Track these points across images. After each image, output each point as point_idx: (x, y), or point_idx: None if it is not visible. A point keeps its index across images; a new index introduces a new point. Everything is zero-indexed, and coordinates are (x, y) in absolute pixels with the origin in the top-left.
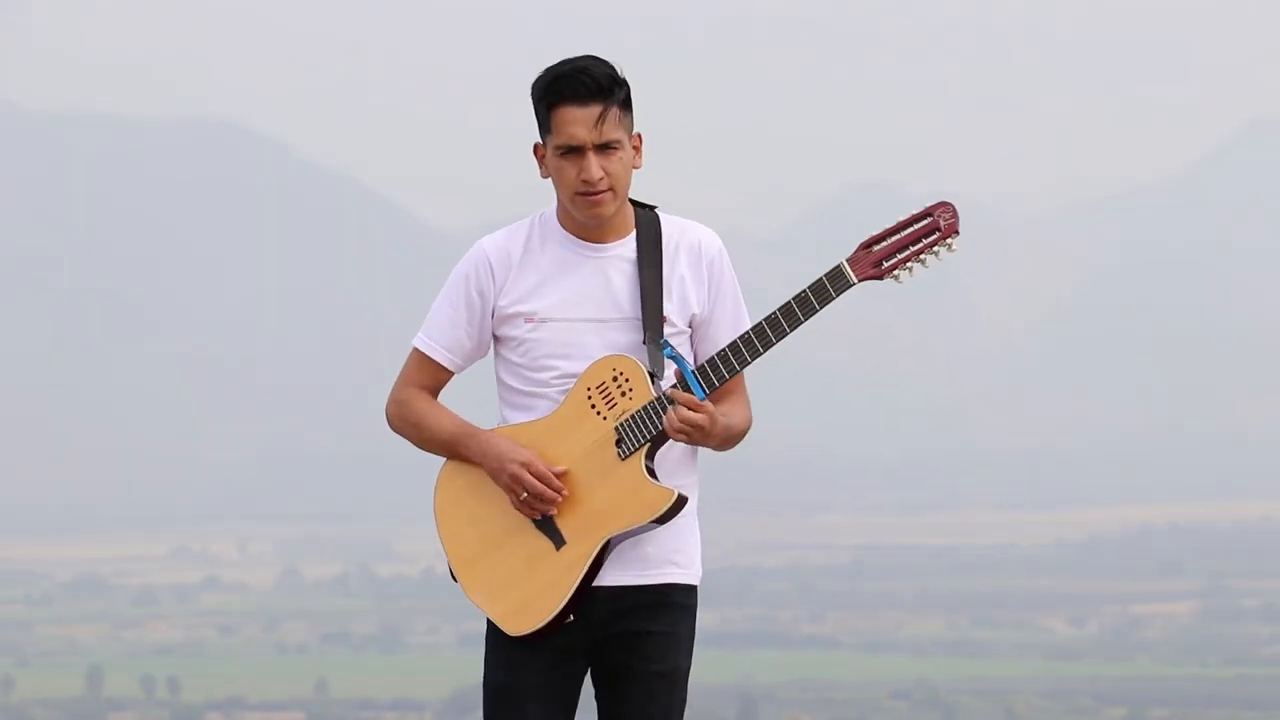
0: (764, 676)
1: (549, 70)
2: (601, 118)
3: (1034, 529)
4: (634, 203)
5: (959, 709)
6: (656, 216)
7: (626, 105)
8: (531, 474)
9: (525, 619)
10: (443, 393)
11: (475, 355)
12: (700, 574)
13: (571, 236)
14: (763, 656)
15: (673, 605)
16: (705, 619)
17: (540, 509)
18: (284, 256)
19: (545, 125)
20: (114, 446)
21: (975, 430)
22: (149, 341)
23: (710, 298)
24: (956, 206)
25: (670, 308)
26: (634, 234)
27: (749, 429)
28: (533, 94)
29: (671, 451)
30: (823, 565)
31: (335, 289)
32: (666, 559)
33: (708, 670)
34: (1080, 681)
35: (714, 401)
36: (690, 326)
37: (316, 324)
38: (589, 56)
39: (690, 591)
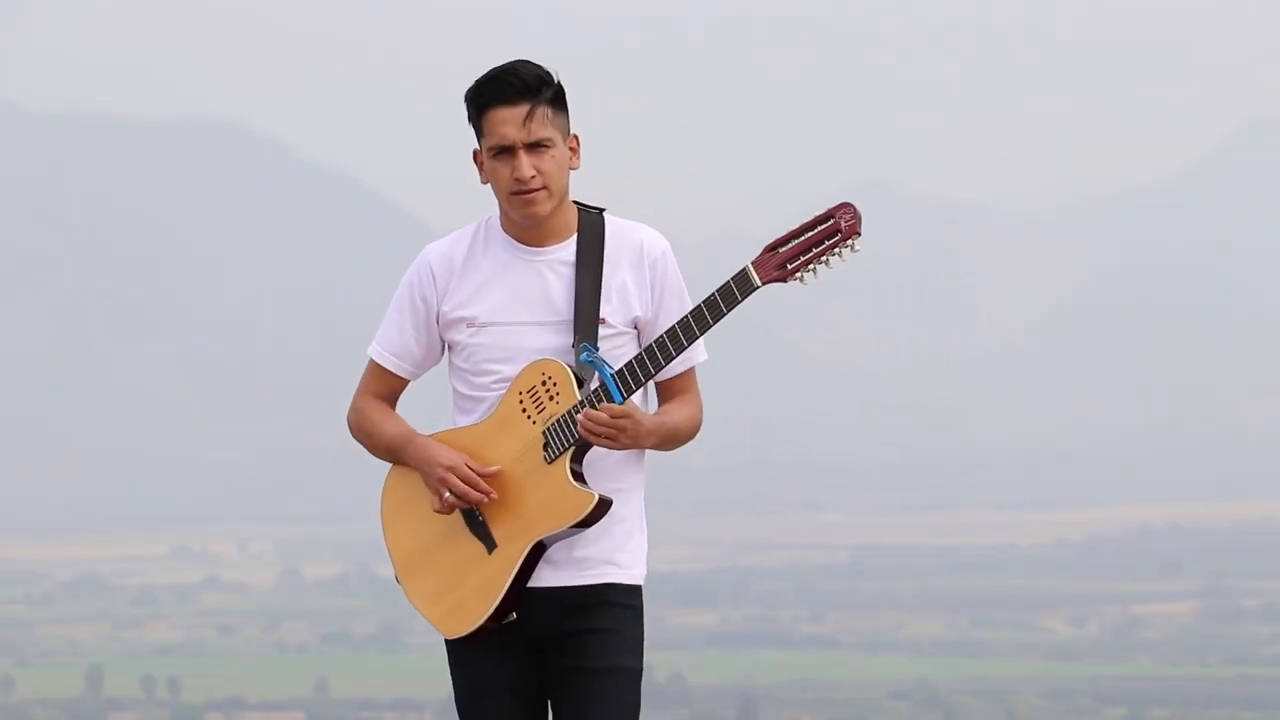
0: (764, 676)
1: (481, 77)
2: (529, 115)
3: (1034, 529)
4: (580, 205)
5: (959, 709)
6: (601, 219)
7: (558, 104)
8: (458, 476)
9: (459, 622)
10: (407, 399)
11: (427, 362)
12: (644, 575)
13: (512, 240)
14: (762, 656)
15: (612, 604)
16: (705, 619)
17: (462, 507)
18: (284, 256)
19: (479, 130)
20: (114, 446)
21: (975, 430)
22: (149, 341)
23: (654, 300)
24: (857, 207)
25: (608, 309)
26: (575, 236)
27: (696, 429)
28: (465, 98)
29: (612, 454)
30: (822, 565)
31: (335, 289)
32: (605, 559)
33: (708, 670)
34: (1080, 681)
35: (662, 401)
36: (635, 328)
37: (316, 324)
38: (519, 60)
39: (631, 591)
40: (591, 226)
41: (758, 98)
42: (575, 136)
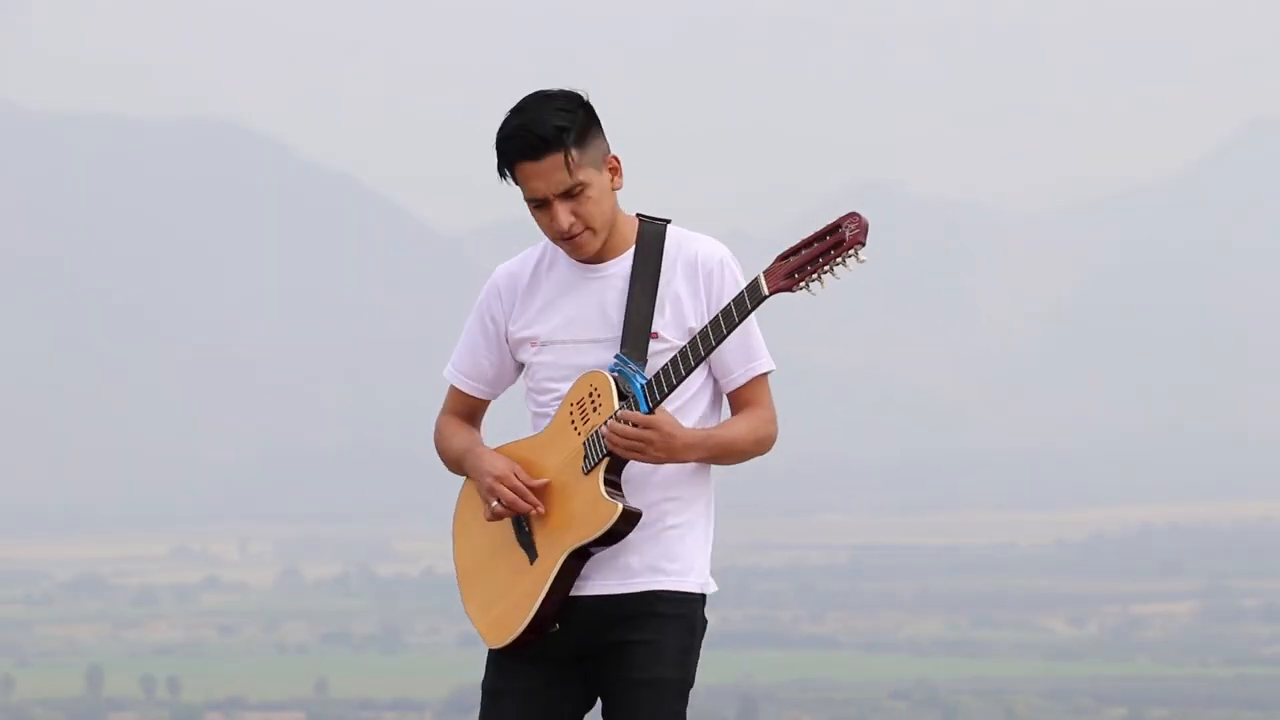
0: (764, 676)
1: (503, 123)
2: (557, 168)
3: (1034, 529)
4: (644, 218)
5: (959, 709)
6: (663, 231)
7: (584, 141)
8: (506, 485)
9: (501, 632)
10: (498, 420)
11: (501, 381)
12: (701, 581)
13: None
14: (763, 656)
15: (657, 615)
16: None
17: (507, 515)
18: (284, 256)
19: (512, 179)
20: (114, 446)
21: (975, 430)
22: (149, 341)
23: (709, 310)
24: (864, 218)
25: (661, 323)
26: (632, 250)
27: (762, 442)
28: (496, 152)
29: (667, 464)
30: (822, 565)
31: (335, 289)
32: (650, 567)
33: (707, 670)
34: (1080, 681)
35: (733, 414)
36: None
37: (317, 324)
38: (535, 102)
39: (680, 599)
40: (651, 239)
41: (758, 98)
42: (614, 156)
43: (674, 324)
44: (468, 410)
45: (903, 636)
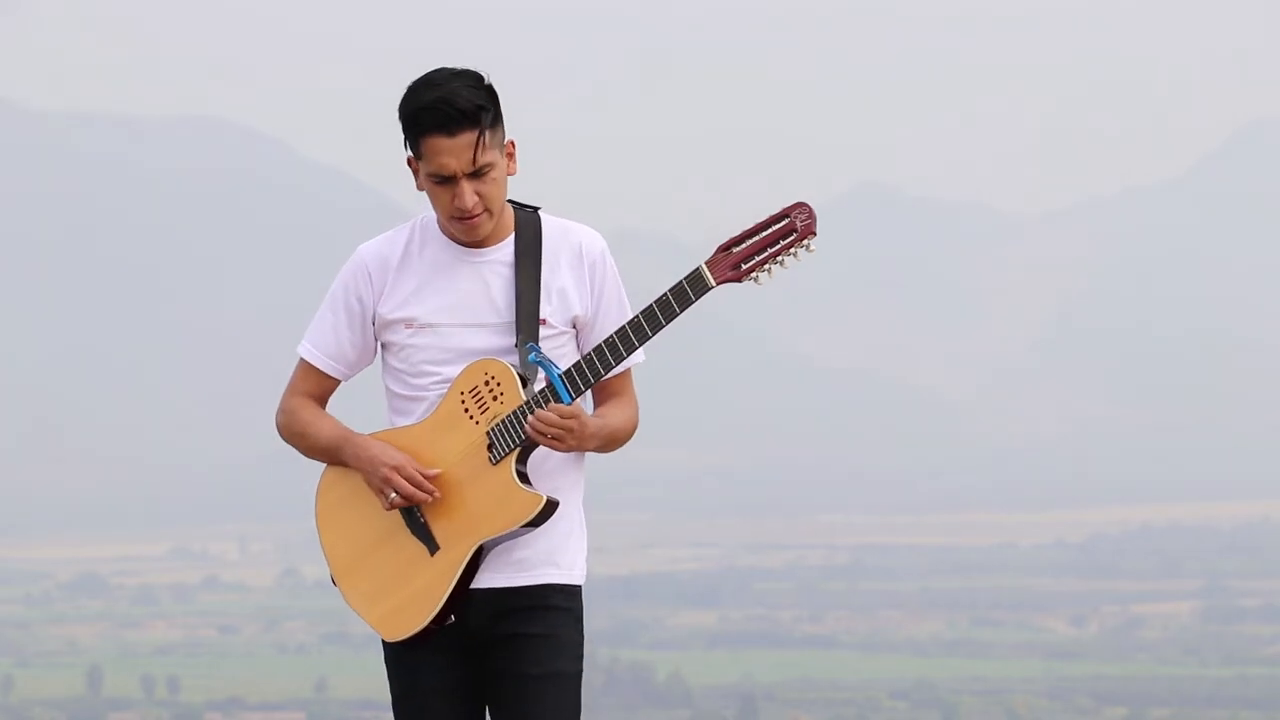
0: (764, 676)
1: (413, 93)
2: (470, 145)
3: (1034, 529)
4: (515, 205)
5: (959, 709)
6: (538, 218)
7: (495, 122)
8: (403, 477)
9: (401, 624)
10: (338, 399)
11: (360, 363)
12: (583, 575)
13: (450, 241)
14: (763, 656)
15: (552, 608)
16: (706, 619)
17: (407, 506)
18: (284, 256)
19: (415, 150)
20: (114, 446)
21: (975, 430)
22: (149, 341)
23: (594, 299)
24: (813, 207)
25: (548, 310)
26: (513, 237)
27: (634, 430)
28: (399, 112)
29: (553, 454)
30: (822, 565)
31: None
32: (544, 560)
33: (708, 670)
34: (1080, 681)
35: (599, 401)
36: (574, 328)
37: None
38: (455, 77)
39: (571, 593)
40: (528, 226)
41: (758, 99)
42: (511, 142)
43: (560, 311)
44: (320, 391)
45: (903, 636)
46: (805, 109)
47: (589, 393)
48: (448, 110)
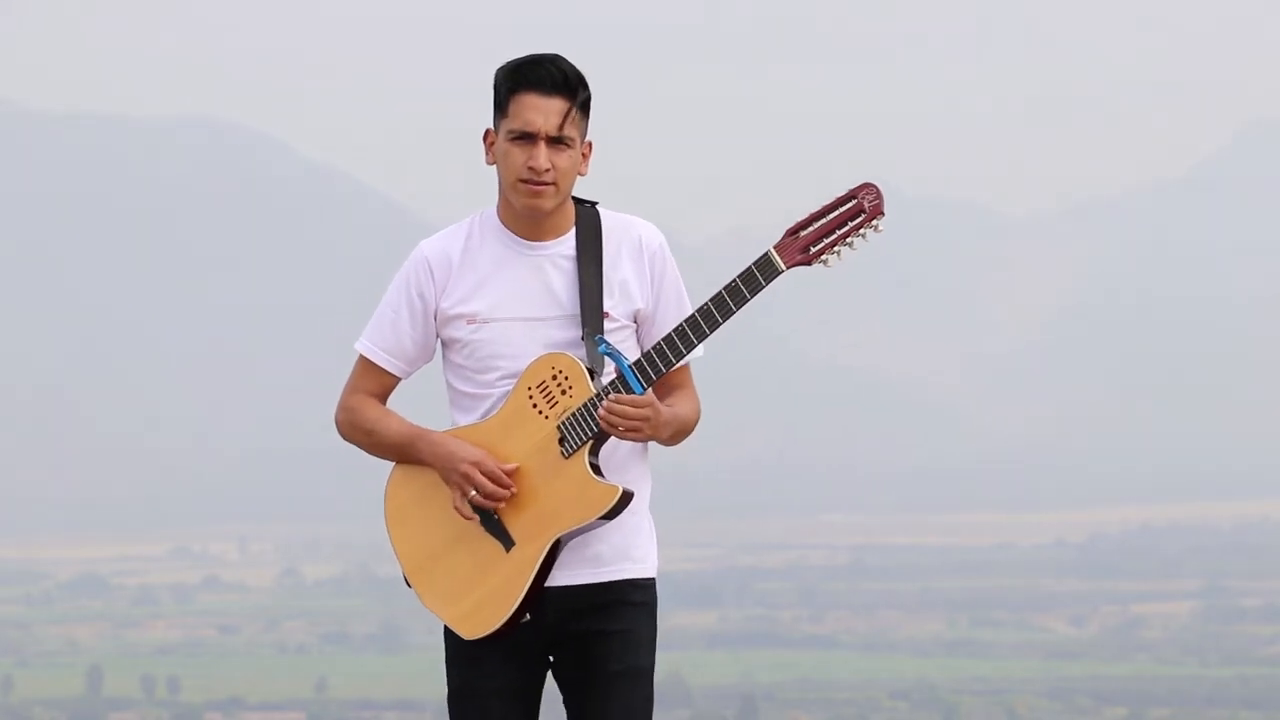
0: (764, 676)
1: (518, 59)
2: (561, 112)
3: (1034, 529)
4: (575, 200)
5: (959, 709)
6: (596, 212)
7: (585, 109)
8: (482, 472)
9: (479, 623)
10: (394, 397)
11: (420, 360)
12: (656, 567)
13: (511, 234)
14: (763, 656)
15: (629, 603)
16: (705, 619)
17: (489, 506)
18: (284, 256)
19: (502, 109)
20: (114, 446)
21: (975, 430)
22: (149, 341)
23: (654, 292)
24: (880, 188)
25: (611, 303)
26: (573, 231)
27: (698, 421)
28: (496, 77)
29: (620, 447)
30: (823, 565)
31: (335, 288)
32: (620, 555)
33: (708, 670)
34: (1080, 681)
35: (661, 395)
36: (635, 321)
37: (317, 324)
38: (559, 55)
39: (647, 586)
40: (588, 220)
41: (758, 98)
42: (589, 144)
43: (622, 304)
44: (381, 389)
45: (903, 636)
46: (805, 109)
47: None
48: (550, 70)
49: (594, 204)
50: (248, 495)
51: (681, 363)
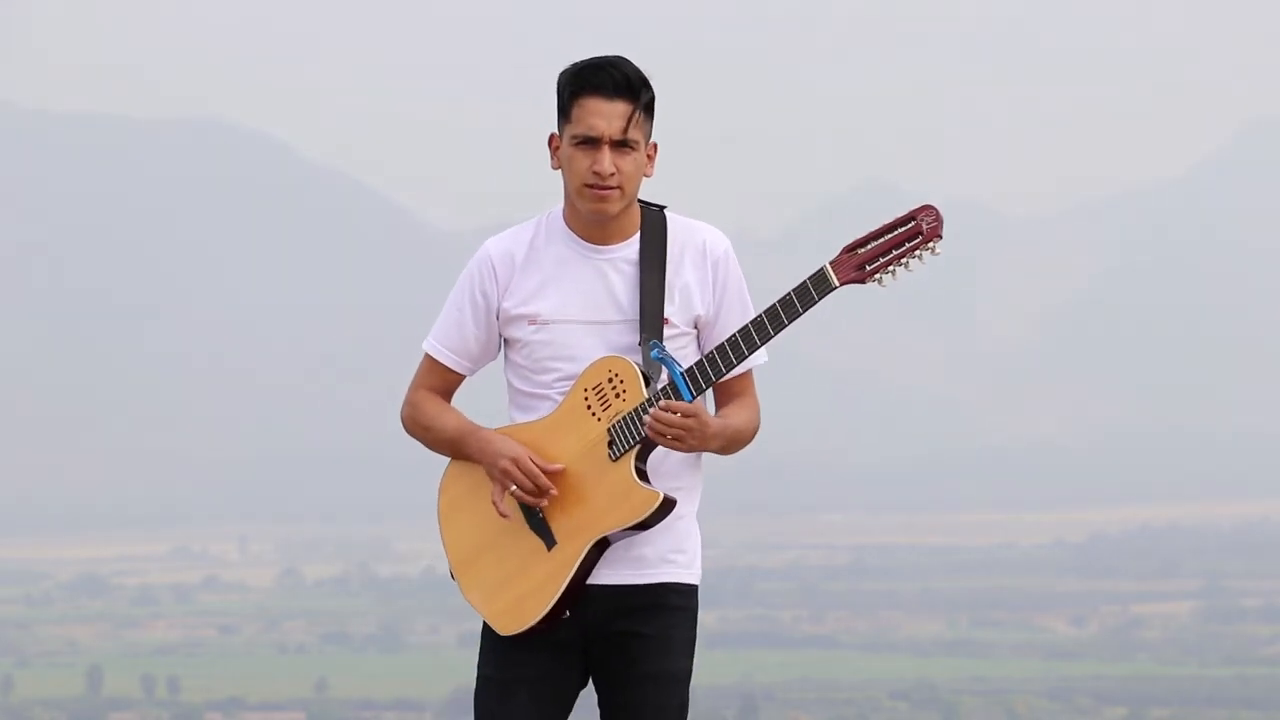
0: (764, 676)
1: (580, 63)
2: (624, 115)
3: (1034, 529)
4: (642, 203)
5: (959, 709)
6: (663, 217)
7: (649, 111)
8: (521, 470)
9: (516, 619)
10: (461, 394)
11: (484, 358)
12: (700, 574)
13: (576, 237)
14: (763, 656)
15: (668, 607)
16: (705, 619)
17: (529, 503)
18: (283, 256)
19: (566, 114)
20: (114, 446)
21: (975, 430)
22: (149, 341)
23: (716, 299)
24: (940, 210)
25: (671, 309)
26: (638, 235)
27: (755, 432)
28: (559, 81)
29: (673, 454)
30: (823, 565)
31: (335, 289)
32: (663, 558)
33: (708, 670)
34: (1081, 681)
35: (721, 402)
36: (696, 328)
37: (317, 324)
38: (621, 57)
39: (689, 591)
40: (654, 225)
41: (758, 98)
42: (655, 145)
43: (683, 310)
44: (445, 387)
45: (903, 636)
46: (805, 109)
47: (711, 394)
48: (612, 74)
49: (662, 208)
50: (248, 495)
51: (737, 371)
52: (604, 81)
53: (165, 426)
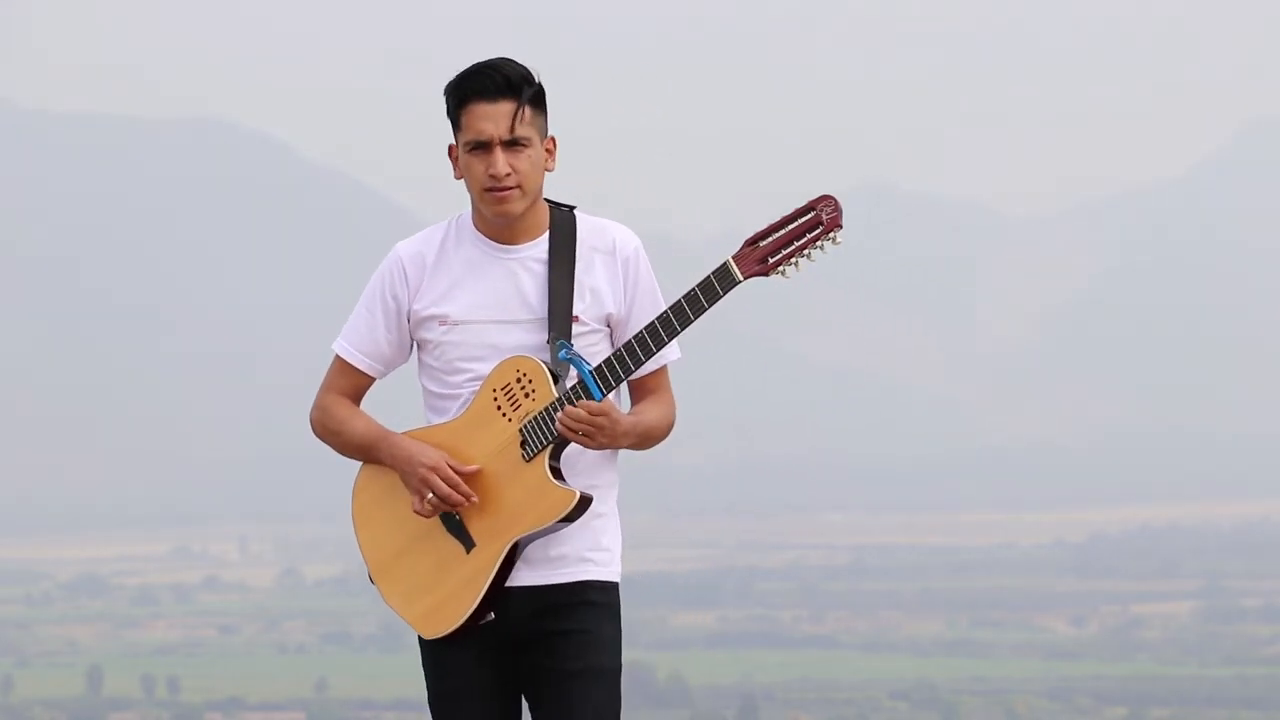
0: (764, 676)
1: (462, 71)
2: (509, 114)
3: (1034, 529)
4: (551, 203)
5: (959, 709)
6: (573, 217)
7: (538, 105)
8: (440, 477)
9: (438, 622)
10: (375, 398)
11: (396, 360)
12: (619, 572)
13: (484, 238)
14: (763, 656)
15: (590, 604)
16: (706, 619)
17: (447, 510)
18: (283, 256)
19: (456, 123)
20: (114, 446)
21: (975, 430)
22: (149, 341)
23: (628, 297)
24: (839, 200)
25: (581, 307)
26: (547, 234)
27: (670, 427)
28: (444, 94)
29: (589, 451)
30: (823, 565)
31: (335, 288)
32: (581, 557)
33: (708, 670)
34: (1080, 681)
35: (635, 400)
36: (609, 325)
37: (316, 323)
38: (502, 57)
39: (608, 589)
40: (563, 224)
41: (758, 98)
42: (553, 138)
43: (593, 308)
44: (355, 389)
45: (903, 636)
46: (805, 109)
47: (626, 390)
48: (491, 75)
49: (571, 208)
50: (248, 495)
51: (650, 368)
52: (484, 85)
53: (165, 426)
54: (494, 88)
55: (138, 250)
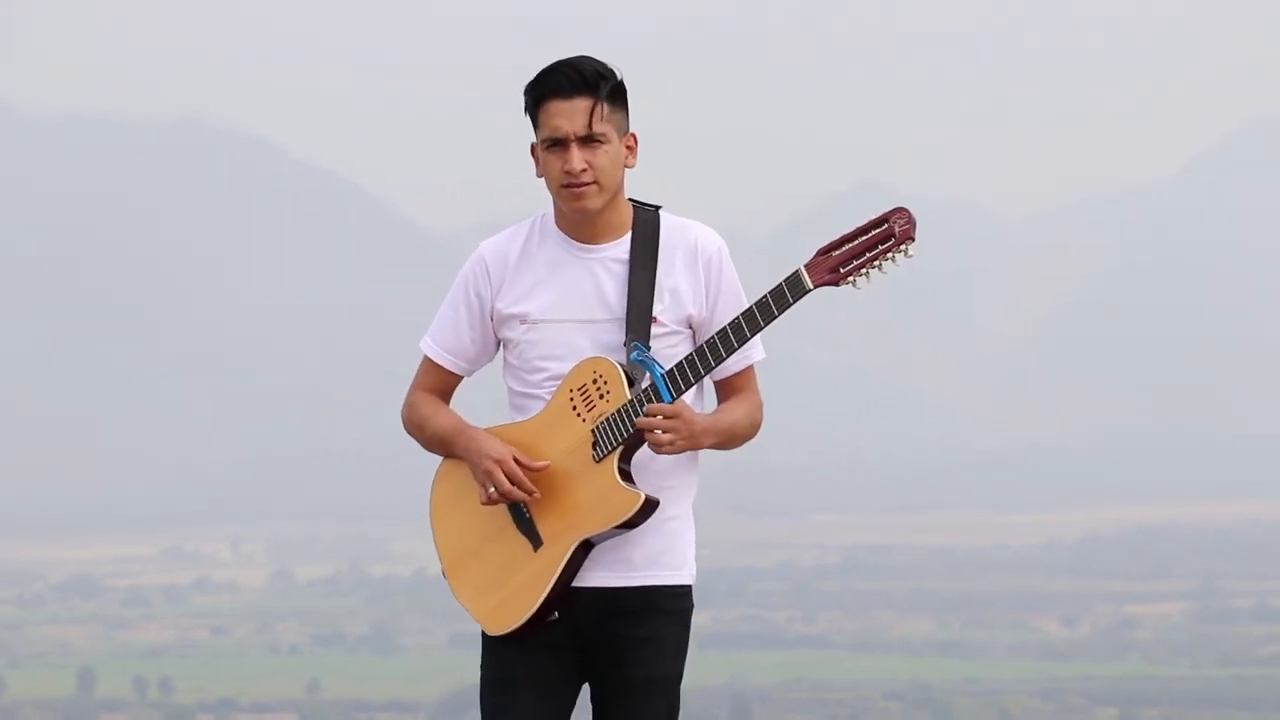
0: (757, 677)
1: (540, 69)
2: (585, 111)
3: (1027, 529)
4: (636, 203)
5: (952, 709)
6: (657, 216)
7: (616, 101)
8: (504, 471)
9: (503, 619)
10: (463, 395)
11: (481, 358)
12: (693, 574)
13: (566, 237)
14: (755, 657)
15: (658, 610)
16: (698, 620)
17: (510, 501)
18: (282, 258)
19: (535, 122)
20: (107, 447)
21: (970, 430)
22: (146, 342)
23: (709, 298)
24: (913, 213)
25: (660, 308)
26: (629, 234)
27: (756, 427)
28: (524, 93)
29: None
30: (815, 565)
31: (332, 290)
32: (651, 560)
33: (700, 671)
34: (1073, 681)
35: (721, 400)
36: (690, 327)
37: (313, 325)
38: (582, 56)
39: (679, 594)
40: (646, 224)
41: (758, 98)
42: (633, 135)
43: (673, 310)
44: (442, 387)
45: (895, 637)
46: (804, 109)
47: (713, 389)
48: (567, 73)
49: (657, 208)
50: (239, 496)
51: (733, 368)
52: (560, 82)
53: (158, 427)
54: (570, 84)
55: (136, 251)
